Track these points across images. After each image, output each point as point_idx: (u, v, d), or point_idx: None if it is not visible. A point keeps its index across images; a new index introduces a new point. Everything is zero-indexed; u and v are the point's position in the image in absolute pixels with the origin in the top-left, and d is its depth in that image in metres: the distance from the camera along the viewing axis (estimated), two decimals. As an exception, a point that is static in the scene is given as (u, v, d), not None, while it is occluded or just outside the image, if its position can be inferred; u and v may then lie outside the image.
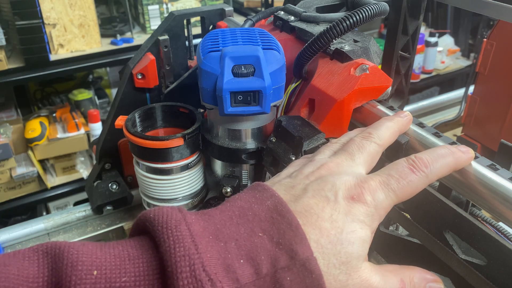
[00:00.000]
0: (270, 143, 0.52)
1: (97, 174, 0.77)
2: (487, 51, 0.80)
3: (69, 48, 1.74)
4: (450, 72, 2.71)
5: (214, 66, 0.48)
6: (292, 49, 0.56)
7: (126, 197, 0.77)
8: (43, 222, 0.76)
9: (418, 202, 0.41)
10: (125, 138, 0.68)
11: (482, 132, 0.84)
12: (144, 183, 0.59)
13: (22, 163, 1.81)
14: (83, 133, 1.84)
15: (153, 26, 1.92)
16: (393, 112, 0.47)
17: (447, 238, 0.39)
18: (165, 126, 0.64)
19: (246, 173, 0.57)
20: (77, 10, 1.69)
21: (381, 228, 0.47)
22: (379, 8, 0.49)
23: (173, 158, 0.56)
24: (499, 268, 0.35)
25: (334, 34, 0.48)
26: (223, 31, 0.53)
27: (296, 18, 0.60)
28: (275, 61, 0.49)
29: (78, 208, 0.78)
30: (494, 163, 0.38)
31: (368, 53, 0.51)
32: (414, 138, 0.43)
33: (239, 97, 0.48)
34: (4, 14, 1.62)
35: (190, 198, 0.61)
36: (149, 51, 0.70)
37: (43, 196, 1.85)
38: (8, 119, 1.83)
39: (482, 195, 0.37)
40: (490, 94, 0.82)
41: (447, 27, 2.85)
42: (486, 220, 0.52)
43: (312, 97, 0.51)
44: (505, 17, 0.60)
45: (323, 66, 0.52)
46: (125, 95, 0.71)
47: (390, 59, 0.71)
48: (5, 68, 1.59)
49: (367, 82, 0.47)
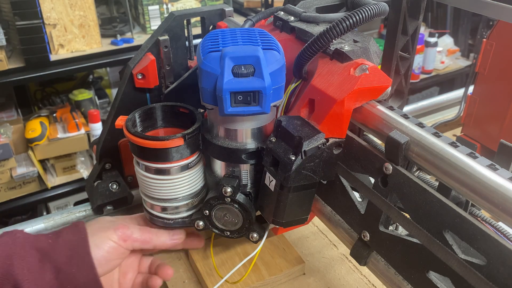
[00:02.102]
0: (270, 143, 0.52)
1: (98, 174, 0.77)
2: (486, 51, 0.80)
3: (70, 48, 1.74)
4: (450, 72, 2.71)
5: (214, 66, 0.48)
6: (292, 49, 0.56)
7: (126, 197, 0.77)
8: (43, 222, 0.76)
9: (418, 202, 0.41)
10: (125, 138, 0.68)
11: (481, 132, 0.84)
12: (144, 183, 0.59)
13: (22, 163, 1.81)
14: (84, 133, 1.84)
15: (153, 26, 1.92)
16: (393, 112, 0.47)
17: (447, 238, 0.39)
18: (165, 126, 0.64)
19: (246, 173, 0.58)
20: (77, 10, 1.69)
21: (381, 228, 0.47)
22: (379, 8, 0.49)
23: (173, 158, 0.56)
24: (499, 268, 0.35)
25: (334, 34, 0.48)
26: (223, 31, 0.53)
27: (296, 18, 0.60)
28: (275, 61, 0.49)
29: (78, 208, 0.78)
30: (493, 163, 0.38)
31: (367, 53, 0.51)
32: (413, 138, 0.43)
33: (239, 97, 0.48)
34: (4, 14, 1.62)
35: (190, 198, 0.61)
36: (149, 51, 0.70)
37: (44, 196, 1.85)
38: (9, 119, 1.83)
39: (481, 195, 0.37)
40: (490, 94, 0.82)
41: (446, 27, 2.85)
42: (485, 220, 0.52)
43: (312, 97, 0.51)
44: (505, 17, 0.60)
45: (323, 66, 0.52)
46: (125, 95, 0.71)
47: (390, 59, 0.71)
48: (6, 68, 1.59)
49: (367, 82, 0.47)
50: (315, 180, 0.51)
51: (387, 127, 0.45)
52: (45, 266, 0.51)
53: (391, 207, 0.44)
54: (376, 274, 0.50)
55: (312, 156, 0.49)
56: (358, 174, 0.49)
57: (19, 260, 0.50)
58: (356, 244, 0.51)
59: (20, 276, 0.49)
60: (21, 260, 0.50)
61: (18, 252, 0.50)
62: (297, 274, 0.69)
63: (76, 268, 0.52)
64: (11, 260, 0.49)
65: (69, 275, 0.52)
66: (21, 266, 0.50)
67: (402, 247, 0.45)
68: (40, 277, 0.50)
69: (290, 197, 0.52)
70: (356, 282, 0.68)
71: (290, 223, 0.56)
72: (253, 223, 0.59)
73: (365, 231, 0.49)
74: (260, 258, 0.69)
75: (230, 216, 0.59)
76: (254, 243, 0.61)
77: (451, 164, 0.39)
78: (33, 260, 0.51)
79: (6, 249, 0.50)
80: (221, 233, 0.61)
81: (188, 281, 0.69)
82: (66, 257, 0.52)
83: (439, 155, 0.40)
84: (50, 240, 0.53)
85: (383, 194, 0.45)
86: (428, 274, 0.42)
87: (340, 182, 0.52)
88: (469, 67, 2.72)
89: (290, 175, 0.49)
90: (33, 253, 0.51)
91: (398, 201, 0.44)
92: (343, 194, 0.52)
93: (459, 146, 0.41)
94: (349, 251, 0.53)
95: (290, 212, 0.54)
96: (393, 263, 0.47)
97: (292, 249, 0.71)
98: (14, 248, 0.51)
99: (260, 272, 0.67)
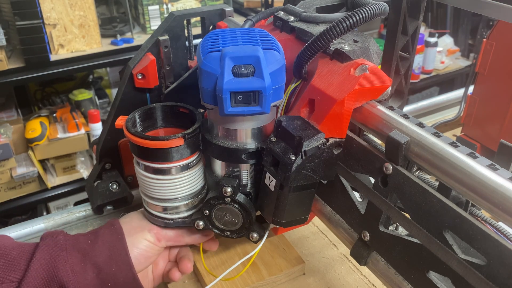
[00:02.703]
0: (270, 143, 0.52)
1: (98, 174, 0.77)
2: (486, 51, 0.80)
3: (70, 48, 1.74)
4: (450, 72, 2.72)
5: (214, 66, 0.48)
6: (292, 49, 0.56)
7: (127, 197, 0.77)
8: (44, 222, 0.76)
9: (418, 202, 0.41)
10: (125, 138, 0.68)
11: (481, 132, 0.84)
12: (144, 183, 0.59)
13: (22, 163, 1.81)
14: (84, 133, 1.84)
15: (153, 26, 1.92)
16: (393, 112, 0.47)
17: (447, 238, 0.39)
18: (165, 126, 0.64)
19: (246, 173, 0.58)
20: (77, 10, 1.70)
21: (381, 228, 0.47)
22: (379, 8, 0.49)
23: (173, 158, 0.56)
24: (499, 268, 0.35)
25: (334, 34, 0.48)
26: (223, 31, 0.53)
27: (296, 18, 0.60)
28: (275, 61, 0.49)
29: (78, 208, 0.79)
30: (493, 163, 0.38)
31: (368, 53, 0.51)
32: (413, 138, 0.43)
33: (239, 97, 0.48)
34: (4, 14, 1.62)
35: (190, 198, 0.61)
36: (149, 51, 0.70)
37: (44, 196, 1.85)
38: (9, 119, 1.83)
39: (481, 195, 0.37)
40: (490, 94, 0.82)
41: (446, 27, 2.85)
42: (485, 220, 0.52)
43: (312, 97, 0.51)
44: (505, 17, 0.60)
45: (323, 66, 0.52)
46: (125, 95, 0.71)
47: (390, 59, 0.71)
48: (6, 68, 1.59)
49: (367, 82, 0.47)
50: (315, 180, 0.51)
51: (387, 127, 0.45)
52: (87, 267, 0.54)
53: (391, 207, 0.44)
54: (376, 274, 0.50)
55: (312, 156, 0.49)
56: (358, 174, 0.49)
57: (63, 262, 0.53)
58: (356, 244, 0.51)
59: (65, 278, 0.52)
60: (65, 262, 0.53)
61: (61, 254, 0.53)
62: (297, 274, 0.69)
63: (116, 267, 0.55)
64: (56, 263, 0.52)
65: (109, 274, 0.55)
66: (65, 268, 0.52)
67: (402, 247, 0.45)
68: (83, 277, 0.53)
69: (290, 197, 0.52)
70: (356, 282, 0.68)
71: (290, 223, 0.56)
72: (253, 223, 0.59)
73: (365, 231, 0.49)
74: (260, 258, 0.69)
75: (230, 216, 0.59)
76: (254, 243, 0.61)
77: (451, 164, 0.39)
78: (75, 261, 0.54)
79: (50, 251, 0.53)
80: (221, 233, 0.61)
81: (188, 281, 0.69)
82: (106, 257, 0.55)
83: (439, 155, 0.40)
84: (89, 241, 0.56)
85: (383, 194, 0.45)
86: (428, 274, 0.42)
87: (340, 182, 0.52)
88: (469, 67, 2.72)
89: (290, 175, 0.49)
90: (75, 255, 0.54)
91: (398, 201, 0.44)
92: (343, 194, 0.52)
93: (459, 146, 0.41)
94: (349, 251, 0.53)
95: (290, 212, 0.54)
96: (393, 263, 0.47)
97: (292, 249, 0.71)
98: (57, 250, 0.53)
99: (260, 272, 0.67)
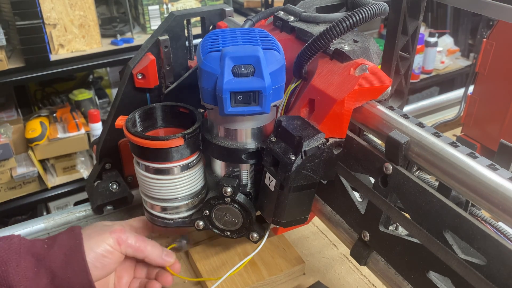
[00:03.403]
0: (270, 143, 0.52)
1: (98, 174, 0.77)
2: (486, 51, 0.80)
3: (70, 48, 1.74)
4: (450, 72, 2.71)
5: (214, 66, 0.48)
6: (292, 49, 0.56)
7: (127, 197, 0.77)
8: (44, 222, 0.76)
9: (418, 202, 0.41)
10: (125, 138, 0.68)
11: (481, 132, 0.84)
12: (144, 183, 0.59)
13: (22, 163, 1.81)
14: (84, 133, 1.84)
15: (153, 26, 1.92)
16: (393, 112, 0.47)
17: (447, 238, 0.39)
18: (165, 126, 0.64)
19: (246, 173, 0.58)
20: (77, 10, 1.69)
21: (381, 228, 0.47)
22: (379, 8, 0.49)
23: (173, 158, 0.56)
24: (499, 268, 0.35)
25: (334, 34, 0.48)
26: (223, 31, 0.53)
27: (296, 18, 0.60)
28: (275, 61, 0.49)
29: (78, 208, 0.78)
30: (493, 163, 0.38)
31: (367, 53, 0.51)
32: (413, 138, 0.43)
33: (239, 97, 0.48)
34: (4, 14, 1.62)
35: (190, 198, 0.61)
36: (149, 51, 0.70)
37: (44, 196, 1.85)
38: (9, 119, 1.83)
39: (481, 195, 0.37)
40: (490, 94, 0.82)
41: (446, 27, 2.85)
42: (485, 220, 0.52)
43: (312, 97, 0.51)
44: (505, 17, 0.60)
45: (323, 66, 0.52)
46: (126, 95, 0.71)
47: (390, 59, 0.71)
48: (6, 68, 1.59)
49: (367, 82, 0.47)
50: (315, 180, 0.51)
51: (387, 127, 0.45)
52: (40, 272, 0.51)
53: (391, 207, 0.44)
54: (376, 274, 0.50)
55: (312, 156, 0.49)
56: (358, 174, 0.49)
57: (14, 266, 0.50)
58: (356, 244, 0.51)
59: (15, 282, 0.49)
60: (16, 266, 0.50)
61: (13, 258, 0.50)
62: (297, 274, 0.69)
63: (71, 273, 0.52)
64: (6, 266, 0.50)
65: (64, 280, 0.52)
66: (16, 272, 0.50)
67: (402, 247, 0.45)
68: (35, 283, 0.51)
69: (290, 197, 0.52)
70: (356, 282, 0.68)
71: (290, 223, 0.56)
72: (253, 223, 0.59)
73: (365, 231, 0.49)
74: (260, 258, 0.69)
75: (230, 216, 0.59)
76: (254, 243, 0.61)
77: (451, 164, 0.39)
78: (28, 265, 0.51)
79: (1, 254, 0.50)
80: (221, 233, 0.61)
81: (188, 281, 0.69)
82: (61, 262, 0.52)
83: (439, 155, 0.40)
84: (46, 245, 0.53)
85: (383, 194, 0.45)
86: (428, 274, 0.42)
87: (340, 182, 0.52)
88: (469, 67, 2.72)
89: (290, 175, 0.49)
90: (28, 259, 0.51)
91: (398, 201, 0.44)
92: (343, 194, 0.52)
93: (459, 146, 0.41)
94: (349, 251, 0.53)
95: (290, 212, 0.54)
96: (393, 263, 0.47)
97: (292, 249, 0.71)
98: (9, 253, 0.51)
99: (260, 272, 0.67)
